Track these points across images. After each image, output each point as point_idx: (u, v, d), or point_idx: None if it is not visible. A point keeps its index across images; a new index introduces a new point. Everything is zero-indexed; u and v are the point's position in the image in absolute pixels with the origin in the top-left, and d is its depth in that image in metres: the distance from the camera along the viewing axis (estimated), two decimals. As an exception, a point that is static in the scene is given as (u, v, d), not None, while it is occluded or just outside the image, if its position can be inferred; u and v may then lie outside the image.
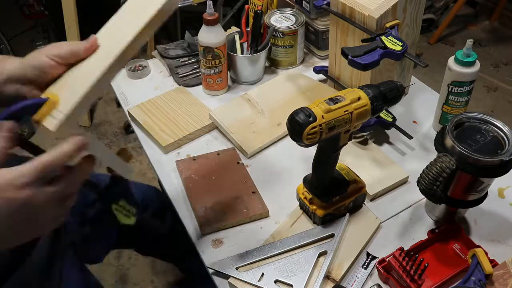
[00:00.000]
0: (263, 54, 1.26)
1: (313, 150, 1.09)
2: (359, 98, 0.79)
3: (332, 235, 0.88)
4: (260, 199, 0.96)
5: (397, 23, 1.02)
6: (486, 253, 0.80)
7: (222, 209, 0.94)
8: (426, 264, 0.78)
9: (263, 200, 0.96)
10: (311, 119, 0.74)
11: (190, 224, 0.93)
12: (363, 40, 1.01)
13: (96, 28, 0.74)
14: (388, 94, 0.82)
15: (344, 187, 0.89)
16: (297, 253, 0.86)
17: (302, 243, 0.87)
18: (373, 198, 0.97)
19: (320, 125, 0.74)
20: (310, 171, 1.03)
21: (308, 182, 0.90)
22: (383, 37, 0.96)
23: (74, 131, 0.62)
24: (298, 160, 1.06)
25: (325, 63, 1.29)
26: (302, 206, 0.93)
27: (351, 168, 0.93)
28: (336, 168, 0.89)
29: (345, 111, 0.77)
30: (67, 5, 2.17)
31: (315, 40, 1.35)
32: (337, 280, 0.82)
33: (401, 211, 0.96)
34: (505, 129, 0.81)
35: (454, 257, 0.86)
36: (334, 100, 0.77)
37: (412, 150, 1.08)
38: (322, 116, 0.74)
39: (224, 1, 2.37)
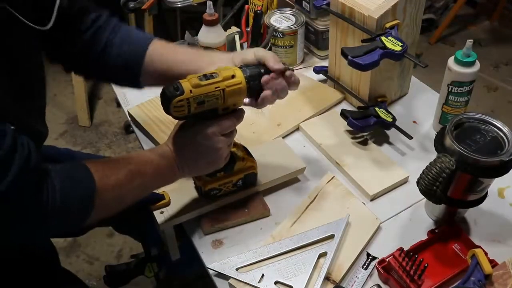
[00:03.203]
0: (263, 54, 1.26)
1: (312, 149, 1.09)
2: (233, 76, 0.80)
3: (332, 236, 0.88)
4: (260, 198, 0.96)
5: (397, 23, 1.02)
6: (486, 253, 0.80)
7: (223, 209, 0.94)
8: (426, 265, 0.78)
9: (264, 199, 0.96)
10: (178, 92, 0.75)
11: (190, 224, 0.93)
12: (363, 40, 1.01)
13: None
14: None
15: (230, 164, 0.90)
16: (297, 254, 0.86)
17: (302, 244, 0.87)
18: (373, 198, 0.97)
19: (188, 99, 0.76)
20: (311, 171, 1.03)
21: None
22: (383, 37, 0.96)
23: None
24: (298, 160, 1.06)
25: (325, 63, 1.29)
26: (194, 183, 0.95)
27: (347, 169, 0.93)
28: None
29: (216, 88, 0.78)
30: (67, 5, 2.16)
31: (315, 40, 1.35)
32: (337, 281, 0.82)
33: (401, 211, 0.95)
34: (505, 129, 0.81)
35: (454, 257, 0.86)
36: (207, 76, 0.78)
37: (412, 150, 1.08)
38: (190, 90, 0.76)
39: (224, 1, 2.37)
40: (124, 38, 0.93)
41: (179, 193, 0.94)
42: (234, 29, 1.36)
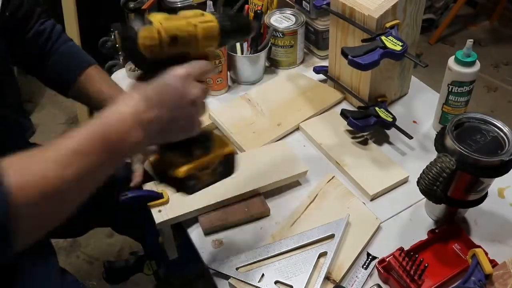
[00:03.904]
0: (263, 54, 1.26)
1: (312, 149, 1.09)
2: (202, 15, 0.70)
3: (332, 236, 0.88)
4: (261, 198, 0.96)
5: (397, 23, 1.01)
6: (486, 253, 0.80)
7: (222, 208, 0.94)
8: (426, 264, 0.78)
9: (264, 199, 0.96)
10: (145, 23, 0.64)
11: (190, 223, 0.93)
12: (363, 40, 1.01)
13: (96, 29, 0.75)
14: (235, 19, 0.75)
15: (205, 141, 0.74)
16: (297, 254, 0.86)
17: (302, 244, 0.87)
18: (373, 198, 0.97)
19: (159, 31, 0.63)
20: (311, 171, 1.03)
21: None
22: (383, 37, 0.96)
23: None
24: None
25: (325, 63, 1.28)
26: (157, 175, 0.75)
27: (343, 168, 0.93)
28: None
29: (187, 23, 0.67)
30: (67, 5, 2.17)
31: (315, 40, 1.35)
32: (337, 281, 0.82)
33: (401, 211, 0.95)
34: (505, 129, 0.81)
35: (454, 257, 0.86)
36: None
37: (412, 150, 1.08)
38: (160, 22, 0.64)
39: (224, 1, 2.37)
40: (66, 51, 1.01)
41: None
42: (234, 29, 1.36)
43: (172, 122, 0.65)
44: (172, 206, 0.92)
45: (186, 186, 0.73)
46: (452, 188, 0.83)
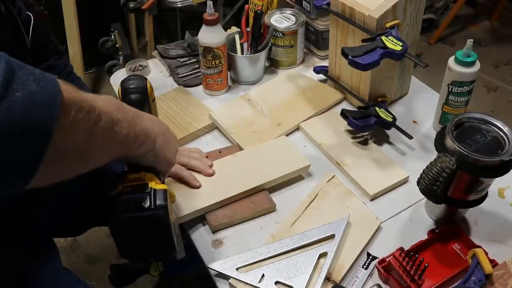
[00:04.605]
0: (263, 54, 1.26)
1: (313, 149, 1.09)
2: None
3: (332, 236, 0.88)
4: (265, 193, 0.97)
5: (397, 23, 1.01)
6: (486, 253, 0.80)
7: (229, 205, 0.94)
8: (426, 264, 0.78)
9: (269, 194, 0.97)
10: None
11: (190, 223, 0.93)
12: (363, 40, 1.01)
13: (95, 29, 0.76)
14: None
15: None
16: (297, 254, 0.86)
17: (302, 244, 0.87)
18: (373, 198, 0.97)
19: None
20: (311, 171, 1.03)
21: None
22: (383, 37, 0.96)
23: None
24: (298, 160, 1.06)
25: (325, 63, 1.29)
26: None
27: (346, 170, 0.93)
28: None
29: None
30: (67, 5, 2.17)
31: (315, 40, 1.35)
32: (338, 282, 0.82)
33: (401, 211, 0.95)
34: (505, 129, 0.81)
35: (454, 257, 0.86)
36: None
37: (412, 150, 1.08)
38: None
39: (224, 1, 2.37)
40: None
41: (185, 191, 0.94)
42: (234, 29, 1.36)
43: (168, 143, 0.75)
44: (179, 205, 0.91)
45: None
46: (452, 188, 0.83)
